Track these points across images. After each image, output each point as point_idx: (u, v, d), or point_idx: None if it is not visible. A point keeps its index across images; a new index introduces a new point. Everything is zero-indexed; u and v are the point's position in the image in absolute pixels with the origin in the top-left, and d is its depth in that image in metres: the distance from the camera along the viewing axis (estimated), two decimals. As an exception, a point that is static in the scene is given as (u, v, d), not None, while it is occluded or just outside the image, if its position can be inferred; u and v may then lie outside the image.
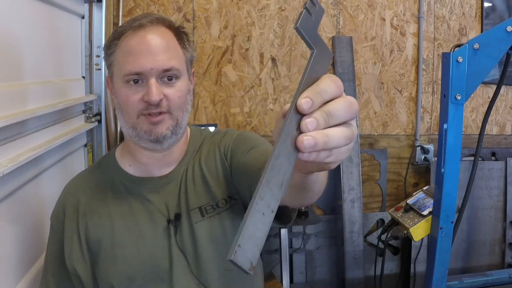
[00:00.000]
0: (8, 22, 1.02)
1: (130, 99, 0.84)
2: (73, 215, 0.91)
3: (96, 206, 0.91)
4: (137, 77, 0.84)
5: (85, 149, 1.65)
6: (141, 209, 0.90)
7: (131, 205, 0.91)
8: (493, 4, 2.46)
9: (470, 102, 2.52)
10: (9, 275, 1.02)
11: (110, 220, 0.90)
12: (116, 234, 0.88)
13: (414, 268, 2.36)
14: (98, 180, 0.95)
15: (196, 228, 0.88)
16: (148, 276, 0.87)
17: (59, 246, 0.92)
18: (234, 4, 2.22)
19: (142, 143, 0.88)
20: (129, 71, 0.83)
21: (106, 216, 0.90)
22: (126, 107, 0.86)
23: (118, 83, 0.86)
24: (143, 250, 0.88)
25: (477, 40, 1.37)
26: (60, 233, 0.92)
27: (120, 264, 0.87)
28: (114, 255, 0.87)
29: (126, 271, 0.87)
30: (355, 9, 2.35)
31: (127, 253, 0.87)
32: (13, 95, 1.03)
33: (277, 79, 2.31)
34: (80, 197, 0.93)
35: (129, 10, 2.11)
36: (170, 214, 0.90)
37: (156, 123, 0.85)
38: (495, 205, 2.50)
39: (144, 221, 0.89)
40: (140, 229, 0.89)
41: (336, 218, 2.41)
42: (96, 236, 0.89)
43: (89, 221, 0.90)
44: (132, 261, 0.87)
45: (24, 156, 1.03)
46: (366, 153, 2.44)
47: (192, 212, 0.89)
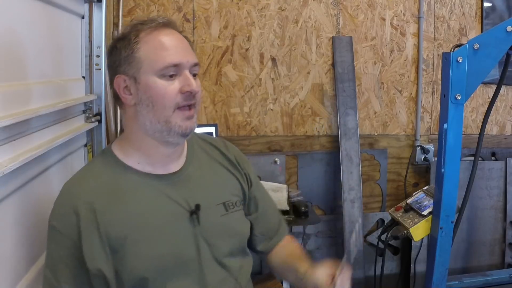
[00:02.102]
0: (8, 22, 1.02)
1: (168, 91, 0.88)
2: (90, 216, 0.88)
3: (114, 205, 0.90)
4: (174, 69, 0.89)
5: (85, 149, 1.65)
6: (160, 203, 0.93)
7: (150, 201, 0.93)
8: (493, 4, 2.46)
9: (470, 102, 2.52)
10: (9, 275, 1.02)
11: (131, 217, 0.90)
12: (140, 230, 0.89)
13: (414, 268, 2.36)
14: (107, 180, 0.93)
15: (221, 221, 0.98)
16: (177, 264, 0.91)
17: (69, 251, 0.88)
18: (234, 4, 2.22)
19: (170, 137, 0.92)
20: (168, 63, 0.88)
21: (126, 213, 0.90)
22: (162, 100, 0.88)
23: (150, 78, 0.88)
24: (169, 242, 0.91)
25: (477, 40, 1.37)
26: (70, 236, 0.88)
27: (149, 258, 0.89)
28: (141, 250, 0.89)
29: (156, 263, 0.89)
30: (355, 9, 2.35)
31: (154, 246, 0.89)
32: (13, 95, 1.03)
33: (277, 79, 2.31)
34: (93, 198, 0.89)
35: (129, 10, 2.11)
36: (190, 206, 0.94)
37: (190, 117, 0.92)
38: (495, 205, 2.50)
39: (165, 214, 0.92)
40: (163, 222, 0.91)
41: (336, 218, 2.41)
42: (119, 234, 0.88)
43: (109, 220, 0.88)
44: (160, 253, 0.90)
45: (24, 156, 1.03)
46: (366, 153, 2.44)
47: (218, 206, 0.98)
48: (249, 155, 2.29)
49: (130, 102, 0.92)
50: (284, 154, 2.34)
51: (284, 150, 2.35)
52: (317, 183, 2.41)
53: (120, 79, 0.92)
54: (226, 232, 0.99)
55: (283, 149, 2.34)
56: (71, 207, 0.89)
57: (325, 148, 2.39)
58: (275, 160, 2.31)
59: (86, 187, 0.92)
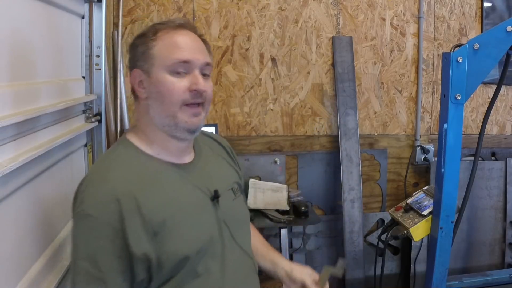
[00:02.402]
0: (8, 22, 1.02)
1: (176, 87, 0.93)
2: (131, 202, 0.89)
3: (149, 191, 0.93)
4: (184, 66, 0.94)
5: (85, 149, 1.65)
6: (187, 189, 0.99)
7: (178, 187, 0.99)
8: (493, 4, 2.46)
9: (470, 102, 2.52)
10: (9, 275, 1.02)
11: (167, 202, 0.94)
12: (176, 214, 0.94)
13: (414, 268, 2.36)
14: (138, 167, 0.96)
15: (234, 204, 1.08)
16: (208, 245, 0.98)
17: (109, 238, 0.88)
18: (234, 4, 2.22)
19: (177, 132, 0.97)
20: (178, 59, 0.93)
21: (162, 198, 0.94)
22: (169, 95, 0.93)
23: (160, 73, 0.94)
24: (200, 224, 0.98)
25: (477, 40, 1.37)
26: (111, 224, 0.88)
27: (188, 239, 0.94)
28: (181, 231, 0.94)
29: (194, 243, 0.95)
30: (355, 9, 2.35)
31: (190, 228, 0.96)
32: (13, 95, 1.03)
33: (277, 79, 2.31)
34: (130, 184, 0.91)
35: (129, 10, 2.11)
36: (210, 191, 1.02)
37: (196, 114, 0.96)
38: (495, 205, 2.50)
39: (193, 199, 0.99)
40: (193, 207, 0.98)
41: (336, 218, 2.41)
42: (160, 218, 0.91)
43: (149, 205, 0.91)
44: (196, 234, 0.96)
45: (24, 156, 1.03)
46: (366, 153, 2.44)
47: (228, 191, 1.07)
48: (249, 155, 2.29)
49: (142, 95, 0.97)
50: (284, 154, 2.34)
51: (284, 150, 2.35)
52: (317, 183, 2.41)
53: (136, 73, 0.97)
54: (238, 214, 1.09)
55: (283, 149, 2.34)
56: (110, 195, 0.89)
57: (325, 148, 2.39)
58: (275, 160, 2.31)
59: (119, 174, 0.93)
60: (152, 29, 0.97)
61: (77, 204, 0.91)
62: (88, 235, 0.89)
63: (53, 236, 1.32)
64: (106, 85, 1.71)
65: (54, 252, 1.28)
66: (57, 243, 1.31)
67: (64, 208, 1.43)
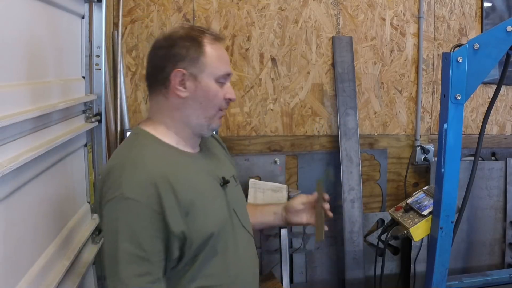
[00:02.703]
0: (8, 22, 1.02)
1: (219, 95, 1.08)
2: (167, 185, 0.97)
3: (179, 174, 1.02)
4: (225, 78, 1.10)
5: (85, 149, 1.65)
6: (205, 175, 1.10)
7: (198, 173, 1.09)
8: (493, 4, 2.46)
9: (470, 102, 2.52)
10: (9, 275, 1.02)
11: (193, 184, 1.04)
12: (202, 196, 1.04)
13: (414, 268, 2.36)
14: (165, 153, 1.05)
15: (236, 191, 1.19)
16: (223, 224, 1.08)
17: (150, 219, 0.94)
18: (234, 4, 2.22)
19: (205, 131, 1.11)
20: (225, 73, 1.08)
21: (190, 181, 1.03)
22: (212, 101, 1.07)
23: (210, 81, 1.06)
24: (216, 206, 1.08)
25: (477, 40, 1.37)
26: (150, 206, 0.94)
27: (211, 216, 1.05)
28: (206, 211, 1.03)
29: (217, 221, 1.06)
30: (355, 9, 2.35)
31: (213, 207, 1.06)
32: (13, 95, 1.03)
33: (277, 79, 2.31)
34: (163, 168, 0.99)
35: (129, 10, 2.11)
36: (219, 178, 1.12)
37: (221, 117, 1.13)
38: (495, 205, 2.50)
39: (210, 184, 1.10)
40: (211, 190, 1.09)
41: (336, 218, 2.41)
42: (189, 199, 1.00)
43: (181, 187, 0.99)
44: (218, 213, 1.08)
45: (24, 156, 1.03)
46: (366, 153, 2.44)
47: (231, 179, 1.15)
48: (249, 155, 2.29)
49: (182, 94, 1.05)
50: (284, 154, 2.34)
51: (284, 150, 2.35)
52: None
53: (179, 73, 1.03)
54: (240, 199, 1.21)
55: (283, 149, 2.35)
56: (147, 179, 0.96)
57: (325, 148, 2.39)
58: (275, 160, 2.31)
59: (152, 160, 1.00)
60: (199, 35, 1.06)
61: (113, 189, 0.95)
62: (130, 218, 0.94)
63: (53, 236, 1.32)
64: (106, 85, 1.71)
65: (54, 252, 1.28)
66: (57, 243, 1.31)
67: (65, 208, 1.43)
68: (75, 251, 1.39)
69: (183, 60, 1.03)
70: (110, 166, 1.01)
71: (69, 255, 1.36)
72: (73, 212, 1.50)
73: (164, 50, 1.05)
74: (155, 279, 0.95)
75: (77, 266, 1.43)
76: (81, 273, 1.43)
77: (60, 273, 1.25)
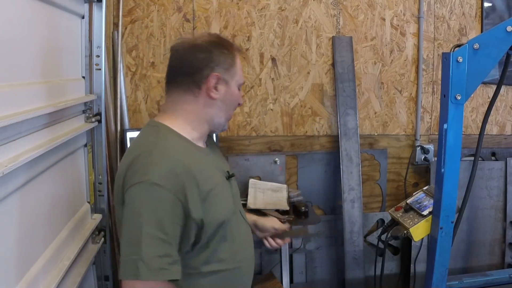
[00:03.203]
0: (8, 22, 1.02)
1: (238, 100, 1.20)
2: (189, 174, 1.05)
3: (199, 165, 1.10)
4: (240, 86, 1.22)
5: (85, 149, 1.65)
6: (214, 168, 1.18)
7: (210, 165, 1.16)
8: (493, 4, 2.46)
9: (470, 102, 2.52)
10: (9, 274, 1.02)
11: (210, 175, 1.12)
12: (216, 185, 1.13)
13: (414, 268, 2.36)
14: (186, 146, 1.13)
15: (235, 185, 1.28)
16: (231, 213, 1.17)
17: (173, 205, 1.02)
18: (234, 4, 2.22)
19: (218, 130, 1.22)
20: (243, 81, 1.23)
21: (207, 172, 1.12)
22: (235, 104, 1.20)
23: (235, 87, 1.18)
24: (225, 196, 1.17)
25: (477, 40, 1.37)
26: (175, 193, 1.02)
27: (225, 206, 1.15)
28: (220, 199, 1.12)
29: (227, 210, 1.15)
30: (355, 9, 2.35)
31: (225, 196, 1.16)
32: (13, 95, 1.03)
33: (277, 79, 2.31)
34: (185, 159, 1.07)
35: (129, 10, 2.11)
36: (225, 172, 1.22)
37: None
38: (495, 205, 2.50)
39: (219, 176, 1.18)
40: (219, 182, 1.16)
41: (336, 218, 2.41)
42: (207, 187, 1.09)
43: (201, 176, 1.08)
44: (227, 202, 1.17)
45: (24, 156, 1.03)
46: (366, 153, 2.44)
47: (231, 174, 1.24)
48: (249, 155, 2.29)
49: (214, 96, 1.14)
50: (284, 154, 2.34)
51: (284, 150, 2.35)
52: (317, 183, 2.41)
53: (215, 77, 1.13)
54: (238, 193, 1.29)
55: (283, 149, 2.34)
56: (173, 168, 1.04)
57: (325, 148, 2.39)
58: (275, 160, 2.31)
59: (176, 151, 1.09)
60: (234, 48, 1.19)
61: (139, 174, 1.02)
62: (155, 203, 1.01)
63: (53, 236, 1.32)
64: (106, 85, 1.71)
65: (54, 252, 1.28)
66: (57, 243, 1.31)
67: (65, 208, 1.43)
68: (75, 251, 1.39)
69: (219, 65, 1.14)
70: (136, 153, 1.07)
71: (69, 255, 1.36)
72: (73, 212, 1.50)
73: (205, 53, 1.14)
74: (174, 261, 1.02)
75: (77, 266, 1.43)
76: (81, 273, 1.43)
77: (60, 273, 1.25)
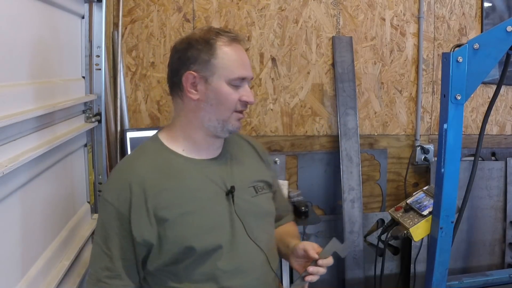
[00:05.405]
0: (8, 22, 1.02)
1: (232, 98, 1.06)
2: (140, 192, 1.02)
3: (161, 182, 1.05)
4: (240, 81, 1.07)
5: (85, 149, 1.65)
6: (203, 182, 1.09)
7: (194, 180, 1.08)
8: (493, 4, 2.46)
9: (470, 102, 2.52)
10: (9, 274, 1.02)
11: (179, 192, 1.05)
12: (184, 205, 1.05)
13: (414, 268, 2.36)
14: (156, 162, 1.08)
15: (253, 201, 1.14)
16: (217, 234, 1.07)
17: (119, 221, 1.03)
18: (234, 4, 2.22)
19: (221, 133, 1.10)
20: (239, 76, 1.06)
21: (174, 189, 1.05)
22: (225, 103, 1.06)
23: (221, 83, 1.05)
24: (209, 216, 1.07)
25: (477, 40, 1.37)
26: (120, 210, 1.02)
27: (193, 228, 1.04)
28: (186, 222, 1.04)
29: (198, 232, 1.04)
30: (355, 9, 2.35)
31: (197, 218, 1.05)
32: (13, 95, 1.03)
33: (277, 79, 2.31)
34: (144, 175, 1.04)
35: (129, 10, 2.11)
36: (227, 187, 1.10)
37: (240, 119, 1.11)
38: (495, 205, 2.50)
39: (207, 192, 1.08)
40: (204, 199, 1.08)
41: (336, 218, 2.41)
42: (165, 208, 1.03)
43: (157, 195, 1.03)
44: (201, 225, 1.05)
45: (24, 156, 1.03)
46: (366, 153, 2.44)
47: (249, 188, 1.15)
48: (249, 155, 2.28)
49: (193, 97, 1.07)
50: (284, 154, 2.34)
51: (284, 150, 2.35)
52: (317, 183, 2.41)
53: (190, 75, 1.06)
54: (256, 211, 1.14)
55: (283, 149, 2.34)
56: (124, 184, 1.03)
57: (325, 148, 2.39)
58: (275, 160, 2.31)
59: (138, 166, 1.07)
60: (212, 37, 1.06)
61: (102, 190, 1.10)
62: (104, 218, 1.06)
63: (53, 236, 1.32)
64: (106, 85, 1.71)
65: (54, 252, 1.28)
66: (56, 244, 1.31)
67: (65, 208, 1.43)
68: (75, 251, 1.39)
69: (194, 62, 1.05)
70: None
71: (69, 255, 1.36)
72: (73, 212, 1.50)
73: (179, 53, 1.08)
74: (114, 275, 1.04)
75: (77, 266, 1.43)
76: (81, 273, 1.43)
77: (60, 273, 1.25)
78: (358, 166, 2.30)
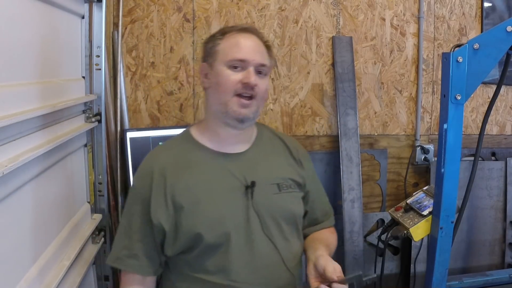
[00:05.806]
0: (8, 22, 1.02)
1: (230, 79, 1.09)
2: (160, 179, 1.11)
3: (180, 171, 1.12)
4: (240, 63, 1.09)
5: (85, 149, 1.65)
6: (222, 175, 1.13)
7: (213, 172, 1.13)
8: (493, 4, 2.46)
9: (470, 102, 2.52)
10: (9, 274, 1.02)
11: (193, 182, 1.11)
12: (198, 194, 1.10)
13: (414, 268, 2.36)
14: (180, 152, 1.16)
15: (273, 198, 1.15)
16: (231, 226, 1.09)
17: (142, 205, 1.11)
18: (234, 4, 2.22)
19: (228, 119, 1.12)
20: (235, 57, 1.09)
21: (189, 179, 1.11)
22: (224, 85, 1.09)
23: (220, 67, 1.10)
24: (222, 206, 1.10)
25: (477, 40, 1.37)
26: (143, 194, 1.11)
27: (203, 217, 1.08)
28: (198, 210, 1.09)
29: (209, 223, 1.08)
30: (355, 9, 2.35)
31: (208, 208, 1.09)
32: (13, 95, 1.03)
33: (277, 79, 2.31)
34: (166, 164, 1.13)
35: (129, 10, 2.11)
36: (247, 181, 1.13)
37: (245, 106, 1.10)
38: (495, 205, 2.50)
39: (225, 185, 1.12)
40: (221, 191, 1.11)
41: (336, 218, 2.41)
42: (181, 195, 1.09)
43: (175, 183, 1.10)
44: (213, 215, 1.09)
45: (24, 156, 1.03)
46: (366, 153, 2.44)
47: (271, 185, 1.16)
48: (249, 155, 2.28)
49: (206, 85, 1.15)
50: (284, 154, 2.34)
51: (284, 150, 2.34)
52: (317, 183, 2.40)
53: (203, 66, 1.16)
54: (276, 209, 1.15)
55: (283, 149, 2.34)
56: (148, 171, 1.13)
57: (325, 148, 2.39)
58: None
59: (162, 155, 1.17)
60: (221, 31, 1.15)
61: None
62: (131, 199, 1.16)
63: (53, 236, 1.32)
64: (106, 85, 1.71)
65: (54, 252, 1.28)
66: (57, 243, 1.31)
67: (65, 208, 1.43)
68: (75, 251, 1.39)
69: (205, 55, 1.16)
70: None
71: (69, 255, 1.36)
72: (73, 212, 1.50)
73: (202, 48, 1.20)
74: (131, 254, 1.10)
75: (77, 266, 1.43)
76: (81, 273, 1.43)
77: (60, 273, 1.25)
78: (358, 166, 2.30)
